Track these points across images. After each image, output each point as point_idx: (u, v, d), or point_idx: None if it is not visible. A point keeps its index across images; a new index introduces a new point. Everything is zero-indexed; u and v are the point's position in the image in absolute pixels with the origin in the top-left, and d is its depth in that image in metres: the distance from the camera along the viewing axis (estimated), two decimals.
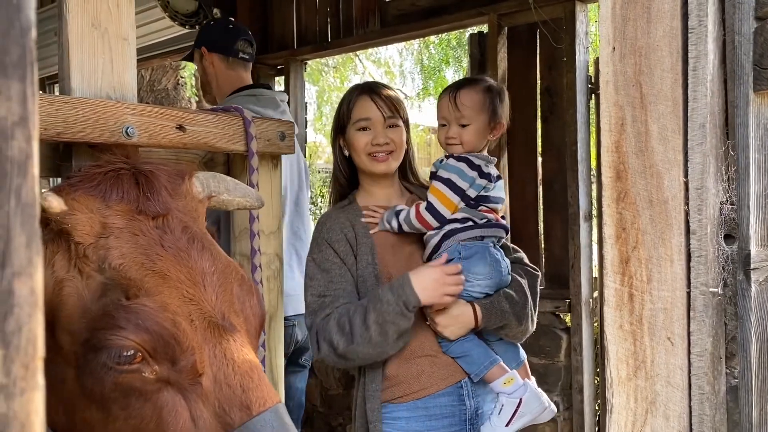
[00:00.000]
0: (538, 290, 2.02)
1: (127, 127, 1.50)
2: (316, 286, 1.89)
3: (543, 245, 3.66)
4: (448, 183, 1.92)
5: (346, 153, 2.04)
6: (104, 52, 1.54)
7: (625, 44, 1.12)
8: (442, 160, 2.00)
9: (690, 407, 1.09)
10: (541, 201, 3.66)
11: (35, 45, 0.29)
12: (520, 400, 1.85)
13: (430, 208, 1.91)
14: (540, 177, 3.67)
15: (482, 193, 1.96)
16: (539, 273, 2.07)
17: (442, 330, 1.84)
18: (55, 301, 0.94)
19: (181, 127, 1.61)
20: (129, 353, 0.89)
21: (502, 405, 1.86)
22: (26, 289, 0.27)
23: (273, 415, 0.94)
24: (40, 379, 0.27)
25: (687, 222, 1.10)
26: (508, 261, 1.97)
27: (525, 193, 3.68)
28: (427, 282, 1.74)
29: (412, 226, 1.92)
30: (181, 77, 7.42)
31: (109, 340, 0.89)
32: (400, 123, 2.00)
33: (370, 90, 2.01)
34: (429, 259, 1.96)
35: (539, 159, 3.66)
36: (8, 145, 0.26)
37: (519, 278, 1.96)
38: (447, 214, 1.91)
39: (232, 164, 1.93)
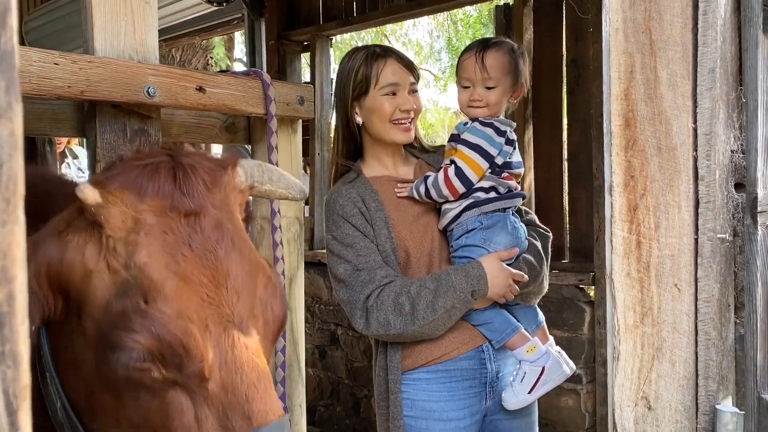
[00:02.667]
0: (550, 250, 2.01)
1: (149, 87, 1.54)
2: (345, 261, 1.88)
3: (568, 218, 3.64)
4: (477, 148, 1.89)
5: (359, 121, 1.97)
6: (126, 14, 1.58)
7: None
8: (466, 123, 1.97)
9: (696, 353, 1.10)
10: (566, 174, 3.63)
11: None
12: (543, 368, 1.86)
13: (459, 173, 1.88)
14: (565, 149, 3.64)
15: (506, 159, 1.95)
16: (550, 233, 2.06)
17: None
18: (83, 289, 0.98)
19: (201, 89, 1.65)
20: (139, 355, 0.92)
21: (525, 373, 1.86)
22: (6, 130, 0.29)
23: (272, 430, 0.95)
24: (21, 215, 0.30)
25: (695, 168, 1.10)
26: (523, 226, 1.97)
27: (550, 166, 3.65)
28: (500, 281, 1.80)
29: (440, 192, 1.89)
30: (211, 57, 7.50)
31: (123, 341, 0.92)
32: (418, 88, 1.98)
33: (394, 53, 1.95)
34: (446, 230, 1.95)
35: (565, 131, 3.63)
36: None
37: (534, 241, 1.96)
38: (474, 179, 1.89)
39: (253, 129, 1.97)
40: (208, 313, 0.96)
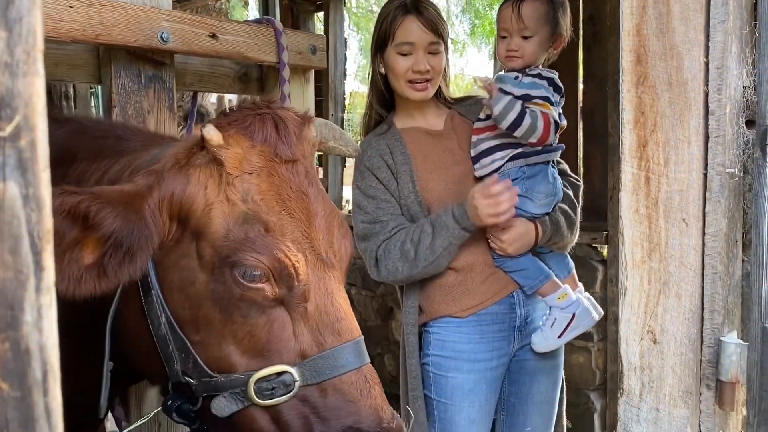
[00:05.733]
0: (581, 201, 2.03)
1: (162, 33, 1.55)
2: (364, 213, 1.93)
3: (582, 177, 3.63)
4: (548, 100, 1.88)
5: (382, 71, 1.98)
6: None
7: None
8: (516, 77, 1.91)
9: (702, 287, 1.11)
10: (581, 132, 3.61)
11: None
12: (573, 314, 1.89)
13: (556, 126, 1.87)
14: (581, 107, 3.61)
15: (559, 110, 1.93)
16: (581, 183, 2.08)
17: (507, 248, 1.87)
18: (204, 218, 1.11)
19: (214, 36, 1.66)
20: (258, 273, 1.08)
21: (555, 318, 1.90)
22: None
23: (355, 346, 1.14)
24: (40, 68, 0.32)
25: (706, 103, 1.09)
26: (559, 177, 1.97)
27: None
28: (478, 211, 1.77)
29: (533, 131, 1.83)
30: (225, 16, 7.46)
31: (247, 260, 1.08)
32: (442, 48, 1.94)
33: (416, 10, 1.91)
34: (481, 179, 1.94)
35: (581, 89, 3.60)
36: None
37: (567, 191, 1.97)
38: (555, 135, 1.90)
39: (265, 79, 1.98)
40: (307, 246, 1.14)
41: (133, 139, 1.37)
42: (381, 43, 1.94)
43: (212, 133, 1.11)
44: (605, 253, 3.52)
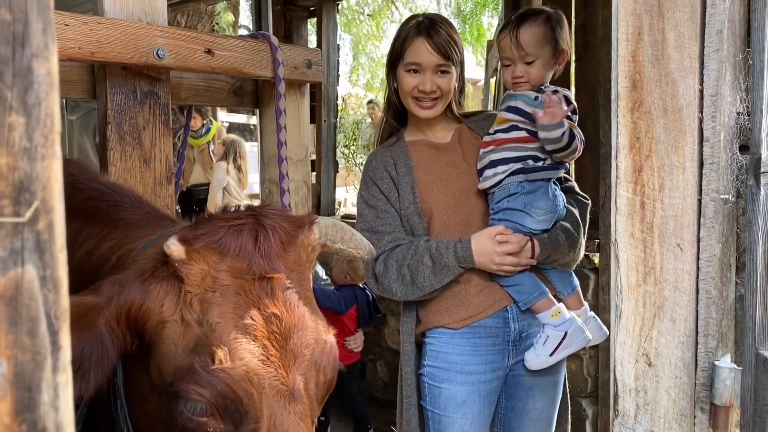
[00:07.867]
0: (588, 218, 2.03)
1: (158, 49, 1.55)
2: (364, 222, 1.98)
3: None
4: (569, 119, 1.88)
5: (395, 86, 2.03)
6: None
7: None
8: (536, 98, 1.92)
9: (697, 311, 1.12)
10: None
11: None
12: (565, 333, 1.90)
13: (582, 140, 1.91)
14: None
15: None
16: (589, 201, 2.08)
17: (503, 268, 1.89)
18: (156, 336, 1.04)
19: (209, 51, 1.66)
20: (202, 408, 0.99)
21: (548, 336, 1.91)
22: (43, 69, 0.31)
23: None
24: (58, 150, 0.32)
25: (701, 130, 1.11)
26: (562, 194, 1.97)
27: None
28: (483, 259, 1.86)
29: (576, 149, 1.89)
30: (217, 23, 7.45)
31: (189, 393, 0.98)
32: (452, 69, 1.97)
33: (428, 32, 1.94)
34: (486, 193, 1.96)
35: (573, 98, 3.61)
36: None
37: (572, 208, 1.97)
38: None
39: (261, 92, 1.98)
40: (267, 374, 1.01)
41: (129, 210, 1.32)
42: (393, 60, 2.00)
43: (173, 249, 1.02)
44: (597, 260, 3.53)
